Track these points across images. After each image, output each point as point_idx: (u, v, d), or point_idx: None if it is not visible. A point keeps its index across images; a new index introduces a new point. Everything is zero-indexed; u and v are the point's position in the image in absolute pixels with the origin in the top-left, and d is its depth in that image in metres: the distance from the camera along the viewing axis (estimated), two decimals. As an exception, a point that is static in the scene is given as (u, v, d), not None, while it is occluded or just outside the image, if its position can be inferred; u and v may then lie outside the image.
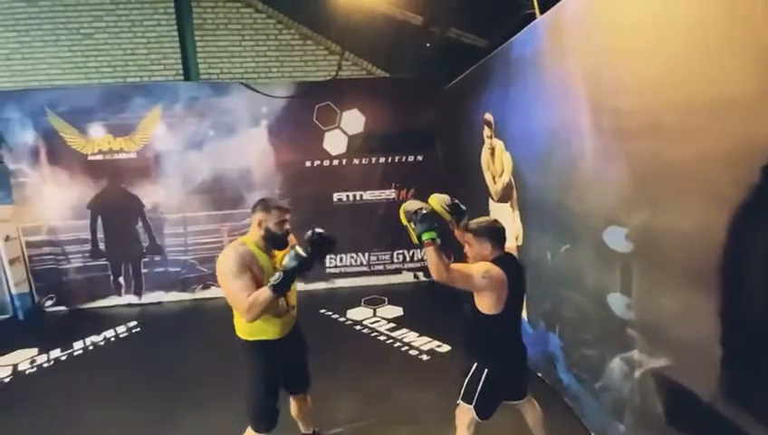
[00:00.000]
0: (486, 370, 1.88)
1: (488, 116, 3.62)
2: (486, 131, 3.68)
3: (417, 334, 4.00)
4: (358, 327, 4.32)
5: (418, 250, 5.62)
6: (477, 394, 1.88)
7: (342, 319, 4.55)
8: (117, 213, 5.18)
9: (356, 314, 4.65)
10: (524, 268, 1.97)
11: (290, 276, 1.75)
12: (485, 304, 1.83)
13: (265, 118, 5.15)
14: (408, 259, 5.63)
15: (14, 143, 4.89)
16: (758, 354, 1.39)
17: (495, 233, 1.92)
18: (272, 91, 5.08)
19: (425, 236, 1.75)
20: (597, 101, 2.11)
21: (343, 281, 5.56)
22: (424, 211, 1.78)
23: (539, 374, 3.07)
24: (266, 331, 1.92)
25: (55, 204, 5.06)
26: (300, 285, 5.68)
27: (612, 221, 2.06)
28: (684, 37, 1.55)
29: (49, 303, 5.23)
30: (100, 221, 5.19)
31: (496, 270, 1.79)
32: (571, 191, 2.44)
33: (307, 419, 2.34)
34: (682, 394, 1.72)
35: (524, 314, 2.80)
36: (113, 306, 5.28)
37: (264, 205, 1.90)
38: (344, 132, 5.26)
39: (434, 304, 5.01)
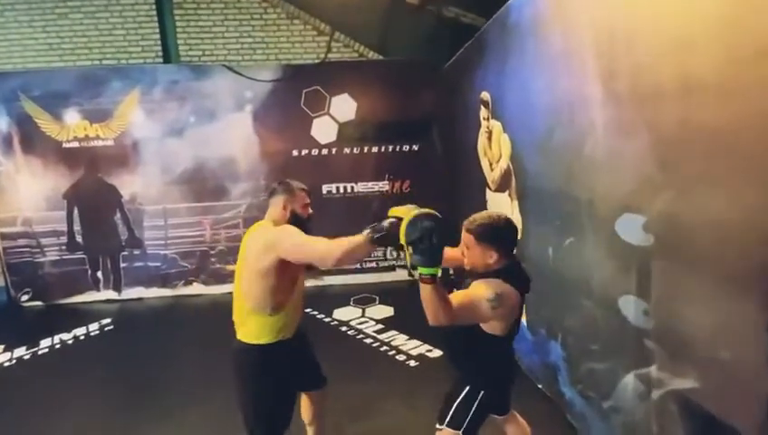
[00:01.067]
0: (482, 392, 1.55)
1: (485, 95, 3.24)
2: (483, 112, 3.30)
3: (407, 337, 3.67)
4: (344, 329, 4.00)
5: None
6: (468, 420, 1.55)
7: (328, 319, 4.23)
8: (94, 204, 4.90)
9: (343, 314, 4.32)
10: (530, 279, 1.54)
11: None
12: (493, 326, 1.45)
13: (250, 103, 4.83)
14: (402, 256, 5.26)
15: (-15, 129, 4.64)
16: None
17: (504, 236, 1.46)
18: (256, 74, 4.75)
19: (423, 271, 1.25)
20: (611, 61, 1.72)
21: (333, 278, 5.22)
22: (434, 240, 1.22)
23: (539, 386, 2.71)
24: (285, 328, 1.68)
25: (30, 194, 4.80)
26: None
27: (627, 208, 1.68)
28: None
29: (25, 297, 4.99)
30: (76, 212, 4.92)
31: (508, 292, 1.38)
32: (575, 175, 2.06)
33: (320, 422, 2.05)
34: (712, 424, 1.35)
35: (523, 318, 2.44)
36: (92, 302, 5.02)
37: (288, 187, 1.75)
38: (334, 119, 4.90)
39: (422, 311, 4.67)
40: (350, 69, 4.94)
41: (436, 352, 3.38)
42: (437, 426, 1.62)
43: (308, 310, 4.42)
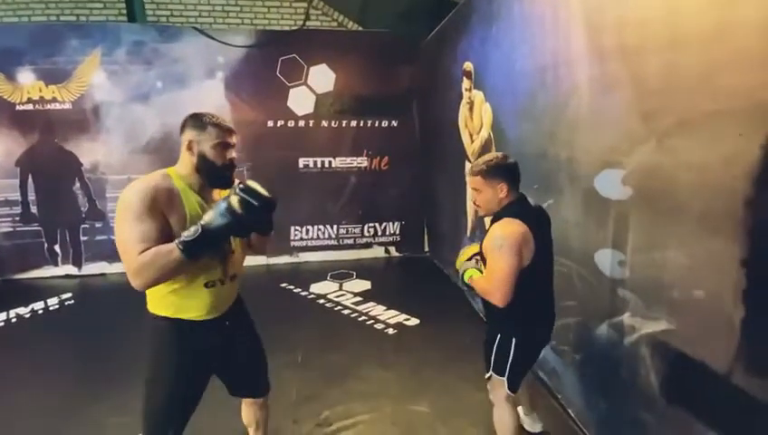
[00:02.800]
0: (515, 338, 1.61)
1: (467, 65, 3.23)
2: (465, 83, 3.30)
3: (385, 308, 3.68)
4: (321, 301, 3.95)
5: (390, 223, 5.27)
6: (509, 366, 1.63)
7: (305, 293, 4.17)
8: (50, 172, 4.55)
9: (320, 288, 4.27)
10: (542, 208, 1.68)
11: (212, 236, 1.19)
12: (501, 269, 1.48)
13: (222, 69, 4.59)
14: (379, 233, 5.26)
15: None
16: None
17: (509, 168, 1.54)
18: (230, 39, 4.51)
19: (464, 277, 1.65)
20: (597, 16, 1.74)
21: (309, 255, 5.15)
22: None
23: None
24: (187, 307, 1.33)
25: (-23, 159, 4.40)
26: (261, 259, 5.23)
27: (607, 164, 1.73)
28: None
29: (-26, 272, 4.61)
30: (30, 181, 4.56)
31: (509, 230, 1.46)
32: (556, 137, 2.10)
33: (261, 430, 1.73)
34: (686, 363, 1.43)
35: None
36: (49, 277, 4.70)
37: (197, 120, 1.31)
38: (312, 90, 4.76)
39: (404, 279, 4.70)
40: (329, 38, 4.78)
41: (414, 321, 3.42)
42: (486, 375, 1.73)
43: (284, 285, 4.37)
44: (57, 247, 4.75)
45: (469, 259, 1.68)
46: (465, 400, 2.35)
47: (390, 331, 3.30)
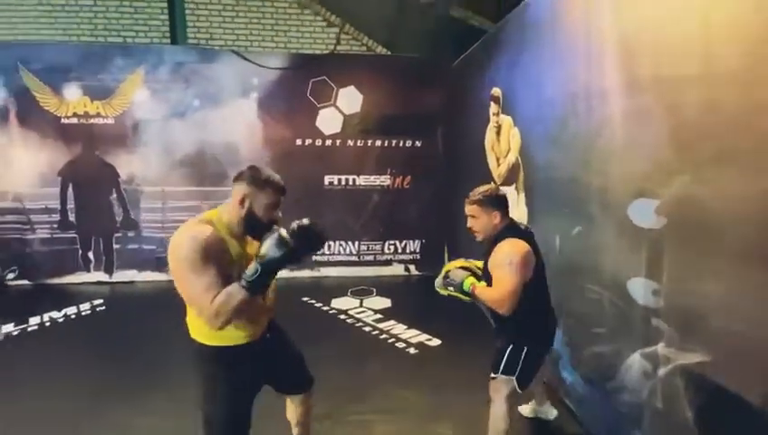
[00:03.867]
0: (526, 347, 1.80)
1: (496, 91, 3.32)
2: (493, 108, 3.38)
3: (406, 327, 3.69)
4: (342, 317, 4.00)
5: (411, 242, 5.32)
6: (520, 369, 1.80)
7: (326, 308, 4.22)
8: (89, 182, 4.80)
9: (341, 303, 4.32)
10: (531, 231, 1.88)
11: (271, 271, 1.29)
12: (510, 283, 1.72)
13: (256, 90, 4.82)
14: (399, 250, 5.32)
15: (-20, 100, 4.51)
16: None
17: (502, 200, 1.83)
18: (264, 61, 4.75)
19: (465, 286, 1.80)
20: (633, 47, 1.81)
21: (330, 270, 5.23)
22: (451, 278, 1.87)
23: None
24: (236, 335, 1.42)
25: (23, 169, 4.67)
26: (283, 272, 5.41)
27: (641, 193, 1.76)
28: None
29: (11, 276, 4.84)
30: (70, 190, 4.81)
31: (517, 248, 1.71)
32: (588, 164, 2.14)
33: (306, 426, 1.84)
34: (721, 396, 1.42)
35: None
36: (81, 283, 4.89)
37: (255, 177, 1.37)
38: (340, 111, 4.93)
39: (425, 298, 4.70)
40: (358, 62, 4.99)
41: (436, 341, 3.43)
42: (491, 375, 1.87)
43: (305, 298, 4.44)
44: (91, 254, 4.96)
45: (460, 268, 1.89)
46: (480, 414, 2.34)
47: (412, 350, 3.31)
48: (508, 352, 1.81)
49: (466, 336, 3.49)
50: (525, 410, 2.35)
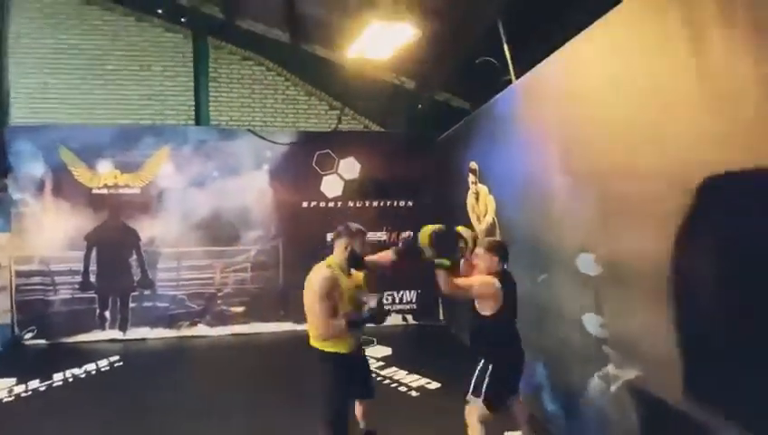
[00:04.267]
0: (491, 365, 2.18)
1: (473, 164, 4.06)
2: (471, 178, 4.09)
3: (407, 372, 4.04)
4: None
5: (407, 292, 5.78)
6: (485, 389, 2.16)
7: (331, 357, 4.55)
8: (112, 245, 5.21)
9: (345, 352, 4.66)
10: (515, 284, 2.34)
11: (363, 323, 2.20)
12: (486, 307, 2.19)
13: (268, 162, 5.50)
14: (397, 301, 5.75)
15: (21, 174, 5.05)
16: (714, 357, 1.63)
17: (503, 249, 2.34)
18: (276, 137, 5.50)
19: (438, 262, 2.16)
20: (566, 149, 2.52)
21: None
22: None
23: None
24: (340, 346, 2.18)
25: (52, 234, 5.08)
26: (288, 325, 5.64)
27: (583, 249, 2.36)
28: (638, 89, 1.99)
29: (29, 335, 5.06)
30: (94, 253, 5.22)
31: (491, 280, 2.20)
32: (546, 226, 2.77)
33: (368, 418, 2.56)
34: (650, 400, 1.91)
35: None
36: (95, 341, 5.12)
37: (350, 231, 2.23)
38: (341, 177, 5.63)
39: (423, 346, 5.06)
40: (357, 137, 5.80)
41: (435, 384, 3.78)
42: (467, 398, 2.27)
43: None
44: (107, 313, 5.25)
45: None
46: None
47: (414, 393, 3.65)
48: (477, 372, 2.22)
49: (464, 377, 3.85)
50: None
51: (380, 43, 2.96)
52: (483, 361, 2.25)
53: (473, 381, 2.24)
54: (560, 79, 2.63)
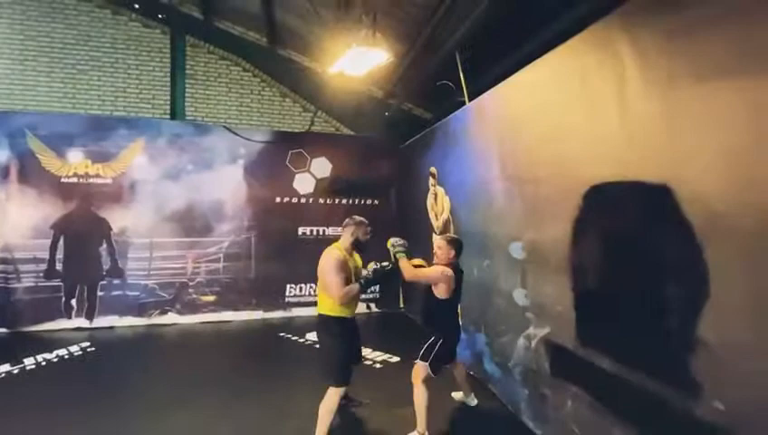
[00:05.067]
0: (441, 339, 2.73)
1: (433, 169, 4.70)
2: (431, 180, 4.73)
3: (371, 350, 4.59)
4: (317, 346, 4.78)
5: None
6: (432, 356, 2.70)
7: (302, 340, 4.99)
8: (81, 234, 5.26)
9: (314, 336, 5.09)
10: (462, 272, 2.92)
11: (375, 279, 2.66)
12: (441, 291, 2.73)
13: (242, 158, 5.81)
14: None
15: (-16, 160, 4.97)
16: (596, 313, 2.33)
17: (459, 244, 2.90)
18: (251, 135, 5.82)
19: (398, 254, 2.77)
20: (503, 160, 3.20)
21: (301, 310, 6.00)
22: (400, 244, 2.85)
23: (471, 372, 3.82)
24: (346, 311, 2.66)
25: (17, 221, 5.07)
26: (258, 314, 5.99)
27: (514, 238, 3.05)
28: (550, 118, 2.68)
29: (-13, 324, 5.00)
30: (61, 242, 5.24)
31: (448, 269, 2.74)
32: (488, 222, 3.44)
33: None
34: (557, 349, 2.61)
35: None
36: (60, 330, 5.15)
37: (356, 221, 2.76)
38: (313, 175, 6.07)
39: (385, 328, 5.63)
40: (328, 139, 6.26)
41: (395, 358, 4.36)
42: (415, 360, 2.77)
43: (281, 334, 5.17)
44: (74, 301, 5.30)
45: (397, 246, 2.80)
46: (438, 401, 3.32)
47: (378, 366, 4.21)
48: (428, 343, 2.73)
49: (418, 354, 4.47)
50: (456, 396, 3.33)
51: (358, 64, 3.48)
52: (434, 335, 2.78)
53: (422, 349, 2.76)
54: (498, 106, 3.32)
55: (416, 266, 2.81)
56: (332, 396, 2.60)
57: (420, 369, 2.75)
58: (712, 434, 1.68)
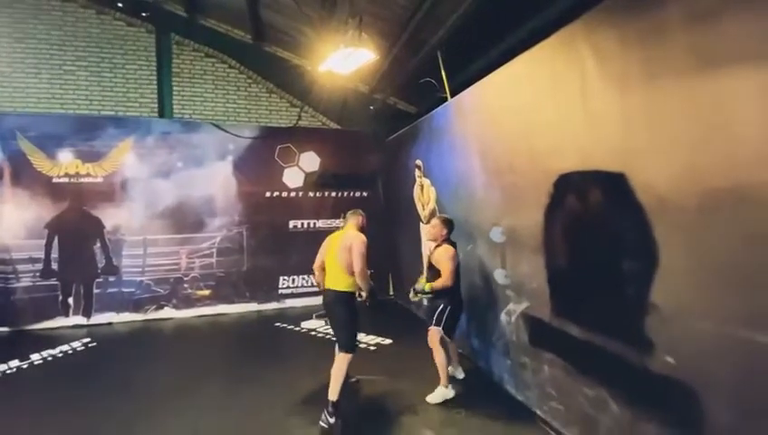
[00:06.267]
0: (450, 306, 3.14)
1: (418, 161, 4.94)
2: (417, 172, 4.97)
3: (366, 334, 4.84)
4: (312, 333, 5.03)
5: (362, 272, 6.55)
6: (444, 320, 3.12)
7: (298, 329, 5.22)
8: (74, 233, 5.33)
9: (310, 324, 5.34)
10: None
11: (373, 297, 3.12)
12: (449, 268, 3.09)
13: (231, 154, 5.92)
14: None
15: (-25, 163, 4.97)
16: (566, 287, 2.63)
17: (450, 223, 3.31)
18: (239, 131, 5.93)
19: (426, 291, 3.19)
20: (483, 153, 3.46)
21: (294, 301, 6.21)
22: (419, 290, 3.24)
23: (459, 350, 4.11)
24: (356, 287, 3.04)
25: (11, 223, 5.10)
26: (253, 306, 6.16)
27: (494, 224, 3.32)
28: (524, 116, 2.94)
29: (-13, 324, 5.05)
30: (56, 241, 5.30)
31: (451, 249, 3.19)
32: (471, 210, 3.71)
33: None
34: (534, 321, 2.90)
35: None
36: (59, 327, 5.24)
37: (361, 212, 3.27)
38: (302, 170, 6.23)
39: (377, 315, 5.89)
40: (316, 133, 6.41)
41: (388, 341, 4.64)
42: (429, 327, 3.15)
43: (277, 324, 5.38)
44: (71, 300, 5.38)
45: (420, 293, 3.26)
46: (425, 375, 3.61)
47: (372, 348, 4.48)
48: (438, 310, 3.13)
49: (408, 336, 4.75)
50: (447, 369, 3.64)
51: (345, 63, 3.66)
52: (441, 304, 3.15)
53: (434, 317, 3.15)
54: (478, 103, 3.56)
55: (434, 279, 3.18)
56: (345, 360, 2.96)
57: (434, 333, 3.13)
58: (665, 384, 1.98)
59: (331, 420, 2.81)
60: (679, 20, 1.81)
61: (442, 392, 3.17)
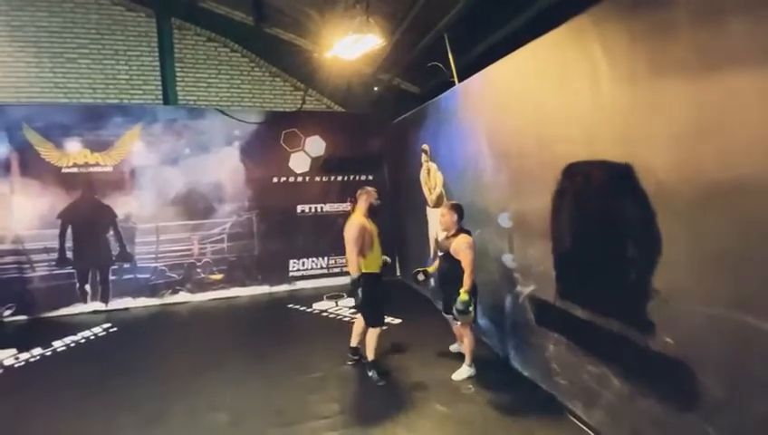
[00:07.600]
0: (474, 298, 3.19)
1: (425, 146, 4.97)
2: (423, 157, 5.01)
3: (374, 314, 5.03)
4: (324, 314, 5.22)
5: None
6: (473, 307, 3.16)
7: (310, 310, 5.40)
8: (87, 222, 5.45)
9: (321, 305, 5.53)
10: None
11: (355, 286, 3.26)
12: (470, 257, 3.12)
13: (238, 139, 5.96)
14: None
15: (-16, 155, 5.04)
16: (572, 271, 2.74)
17: (460, 209, 3.30)
18: (244, 117, 5.94)
19: (463, 308, 3.11)
20: (491, 139, 3.50)
21: (305, 283, 6.38)
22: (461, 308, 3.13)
23: (465, 328, 4.29)
24: (374, 268, 3.30)
25: (24, 214, 5.22)
26: (265, 288, 6.34)
27: (502, 209, 3.41)
28: (534, 103, 2.98)
29: (8, 312, 5.25)
30: (70, 231, 5.43)
31: (469, 238, 3.19)
32: (478, 194, 3.79)
33: (362, 336, 3.58)
34: (540, 303, 3.04)
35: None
36: (78, 314, 5.44)
37: (367, 190, 3.36)
38: (308, 154, 6.27)
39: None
40: (321, 117, 6.40)
41: (397, 320, 4.82)
42: (455, 322, 3.26)
43: (290, 305, 5.57)
44: (87, 286, 5.56)
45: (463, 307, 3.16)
46: (434, 353, 3.80)
47: (383, 328, 4.64)
48: (469, 306, 3.08)
49: (416, 316, 4.95)
50: (453, 348, 3.81)
51: (353, 49, 3.66)
52: (471, 300, 3.13)
53: (467, 313, 3.09)
54: (486, 89, 3.58)
55: (452, 267, 3.23)
56: (376, 332, 3.36)
57: (465, 324, 3.25)
58: (664, 362, 2.12)
59: (370, 374, 3.35)
60: (688, 18, 1.83)
61: (467, 370, 3.37)
